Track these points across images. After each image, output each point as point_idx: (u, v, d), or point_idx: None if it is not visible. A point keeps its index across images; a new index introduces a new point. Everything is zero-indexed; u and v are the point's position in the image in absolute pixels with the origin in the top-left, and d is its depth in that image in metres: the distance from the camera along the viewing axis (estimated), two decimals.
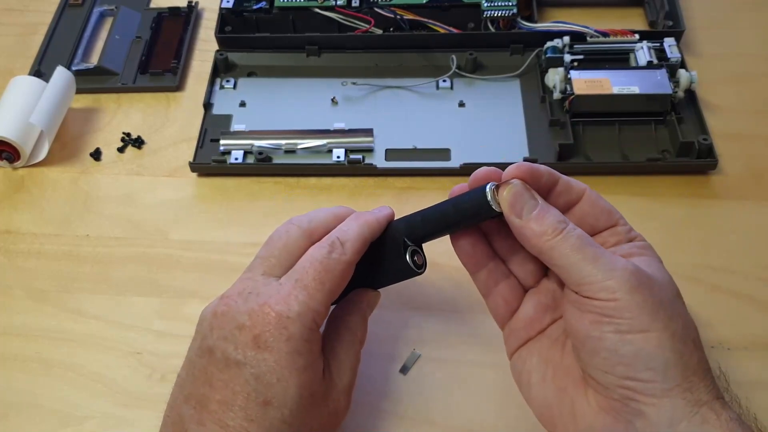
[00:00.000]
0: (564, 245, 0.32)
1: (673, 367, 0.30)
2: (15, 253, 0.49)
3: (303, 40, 0.58)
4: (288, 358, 0.32)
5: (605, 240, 0.35)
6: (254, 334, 0.33)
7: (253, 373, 0.32)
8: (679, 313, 0.32)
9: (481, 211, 0.35)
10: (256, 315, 0.33)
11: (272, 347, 0.32)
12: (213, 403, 0.32)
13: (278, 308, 0.33)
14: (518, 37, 0.58)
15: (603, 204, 0.35)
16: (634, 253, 0.34)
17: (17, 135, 0.51)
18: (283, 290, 0.34)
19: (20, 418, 0.41)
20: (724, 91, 0.56)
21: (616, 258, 0.32)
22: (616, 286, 0.31)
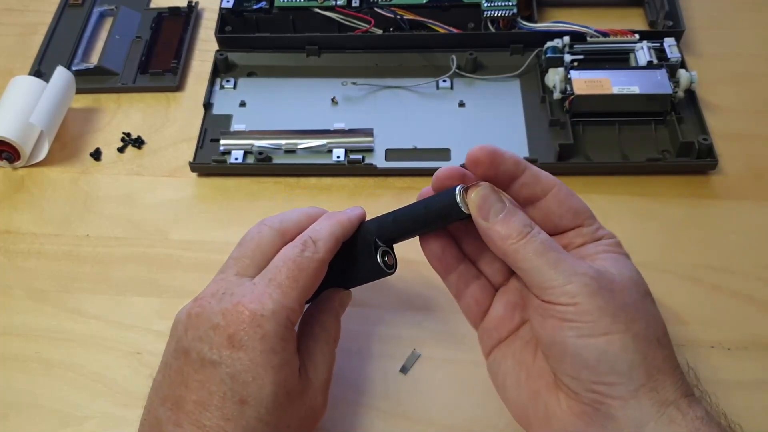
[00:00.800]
0: (527, 249, 0.32)
1: (637, 368, 0.31)
2: (15, 253, 0.49)
3: (303, 40, 0.58)
4: (263, 357, 0.32)
5: (570, 241, 0.35)
6: (228, 334, 0.33)
7: (229, 372, 0.32)
8: (643, 313, 0.32)
9: (451, 212, 0.35)
10: (230, 314, 0.33)
11: (247, 346, 0.32)
12: (189, 403, 0.32)
13: (252, 306, 0.33)
14: (518, 37, 0.58)
15: (571, 203, 0.35)
16: (600, 252, 0.34)
17: (17, 135, 0.51)
18: (257, 289, 0.34)
19: (20, 418, 0.41)
20: (724, 91, 0.56)
21: (578, 262, 0.32)
22: (575, 291, 0.31)
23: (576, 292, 0.31)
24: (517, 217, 0.33)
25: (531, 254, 0.32)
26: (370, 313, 0.44)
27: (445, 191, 0.36)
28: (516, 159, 0.35)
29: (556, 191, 0.35)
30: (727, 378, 0.41)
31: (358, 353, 0.43)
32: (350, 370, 0.42)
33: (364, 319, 0.44)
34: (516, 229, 0.33)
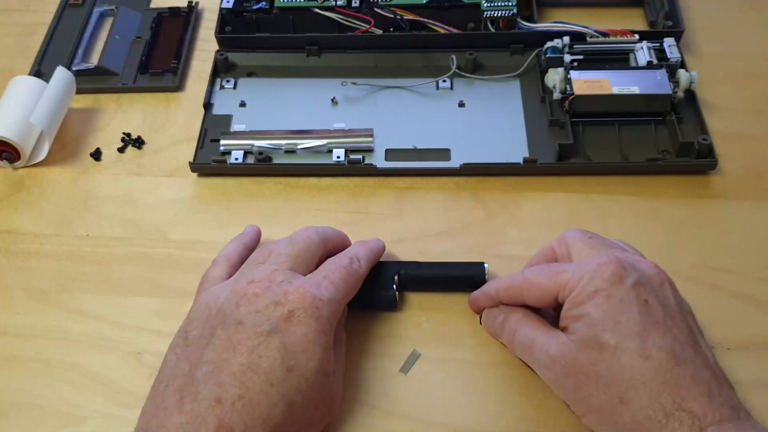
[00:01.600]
0: (517, 353, 0.40)
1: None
2: (15, 253, 0.49)
3: (303, 40, 0.58)
4: (315, 334, 0.36)
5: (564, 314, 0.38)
6: (289, 309, 0.36)
7: (283, 341, 0.35)
8: (596, 380, 0.34)
9: (475, 282, 0.44)
10: (292, 295, 0.37)
11: (303, 322, 0.36)
12: (235, 365, 0.35)
13: (313, 291, 0.37)
14: (518, 37, 0.58)
15: (535, 293, 0.38)
16: (570, 311, 0.36)
17: (17, 135, 0.51)
18: (316, 281, 0.39)
19: (20, 418, 0.41)
20: (724, 91, 0.56)
21: (541, 352, 0.37)
22: (549, 383, 0.38)
23: (550, 385, 0.38)
24: (506, 326, 0.40)
25: (520, 355, 0.40)
26: (370, 312, 0.44)
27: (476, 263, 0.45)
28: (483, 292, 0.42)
29: (520, 295, 0.39)
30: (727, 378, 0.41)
31: (358, 353, 0.43)
32: (350, 370, 0.42)
33: (365, 319, 0.44)
34: (506, 339, 0.41)
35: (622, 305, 0.35)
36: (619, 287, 0.35)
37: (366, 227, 0.49)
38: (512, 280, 0.40)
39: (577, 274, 0.36)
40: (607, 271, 0.36)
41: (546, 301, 0.38)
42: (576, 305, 0.36)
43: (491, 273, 0.45)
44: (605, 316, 0.35)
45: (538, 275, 0.38)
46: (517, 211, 0.50)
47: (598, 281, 0.35)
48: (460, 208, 0.50)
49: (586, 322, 0.35)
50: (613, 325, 0.34)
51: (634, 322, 0.34)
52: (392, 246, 0.48)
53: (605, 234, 0.48)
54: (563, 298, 0.37)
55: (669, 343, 0.34)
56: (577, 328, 0.35)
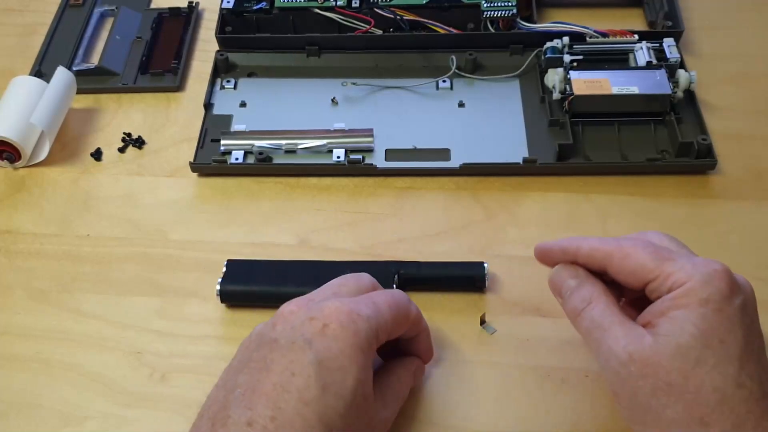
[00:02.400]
0: (580, 327, 0.36)
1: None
2: (15, 253, 0.49)
3: (303, 41, 0.58)
4: (351, 351, 0.33)
5: (648, 295, 0.35)
6: (324, 323, 0.34)
7: (317, 357, 0.32)
8: (681, 393, 0.31)
9: (476, 282, 0.44)
10: (328, 309, 0.34)
11: (339, 337, 0.33)
12: (268, 385, 0.32)
13: (351, 306, 0.35)
14: (518, 37, 0.58)
15: (627, 266, 0.35)
16: (664, 311, 0.33)
17: (18, 135, 0.52)
18: (357, 299, 0.36)
19: (20, 418, 0.41)
20: (724, 91, 0.56)
21: (616, 343, 0.33)
22: (611, 378, 0.34)
23: (611, 380, 0.34)
24: (578, 293, 0.36)
25: (582, 332, 0.36)
26: None
27: (476, 263, 0.44)
28: (562, 246, 0.38)
29: (610, 261, 0.36)
30: None
31: None
32: None
33: None
34: (573, 306, 0.36)
35: (730, 324, 0.32)
36: (730, 304, 0.32)
37: (366, 227, 0.49)
38: (603, 242, 0.36)
39: (689, 270, 0.33)
40: (722, 283, 0.32)
41: (633, 279, 0.34)
42: (678, 306, 0.32)
43: (491, 273, 0.46)
44: (711, 331, 0.32)
45: (640, 250, 0.34)
46: (516, 211, 0.50)
47: (711, 289, 0.32)
48: (459, 208, 0.50)
49: (687, 331, 0.32)
50: (718, 343, 0.32)
51: (737, 345, 0.32)
52: (392, 246, 0.48)
53: (604, 234, 0.48)
54: (658, 289, 0.34)
55: (760, 372, 0.32)
56: (674, 331, 0.32)
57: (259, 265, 0.46)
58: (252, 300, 0.45)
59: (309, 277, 0.45)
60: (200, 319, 0.45)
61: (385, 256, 0.47)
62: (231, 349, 0.40)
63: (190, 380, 0.42)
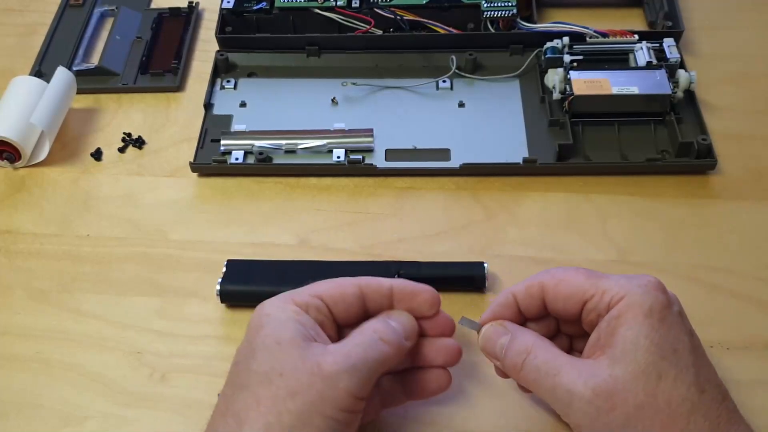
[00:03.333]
0: (528, 382, 0.34)
1: None
2: (15, 253, 0.49)
3: (303, 41, 0.58)
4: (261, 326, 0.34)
5: (589, 320, 0.34)
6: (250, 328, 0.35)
7: (242, 354, 0.34)
8: (653, 413, 0.31)
9: (475, 282, 0.44)
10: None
11: (252, 327, 0.35)
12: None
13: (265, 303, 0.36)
14: (518, 37, 0.58)
15: (566, 289, 0.34)
16: (614, 330, 0.32)
17: (18, 135, 0.52)
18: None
19: (20, 418, 0.41)
20: (724, 91, 0.56)
21: (572, 386, 0.32)
22: (578, 422, 0.32)
23: (578, 424, 0.32)
24: (513, 348, 0.35)
25: (531, 383, 0.34)
26: None
27: (476, 263, 0.45)
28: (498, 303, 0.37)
29: (546, 291, 0.35)
30: (727, 378, 0.41)
31: None
32: None
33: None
34: (512, 362, 0.35)
35: (677, 332, 0.32)
36: (671, 312, 0.32)
37: (366, 227, 0.49)
38: (534, 276, 0.36)
39: (624, 284, 0.33)
40: (659, 292, 0.32)
41: (572, 303, 0.34)
42: (624, 322, 0.32)
43: (491, 273, 0.46)
44: (664, 342, 0.31)
45: (572, 273, 0.34)
46: (517, 211, 0.50)
47: (651, 299, 0.32)
48: (460, 208, 0.50)
49: (642, 346, 0.31)
50: (672, 352, 0.31)
51: (688, 352, 0.32)
52: (392, 246, 0.48)
53: (604, 234, 0.48)
54: (596, 307, 0.33)
55: (713, 376, 0.32)
56: (629, 351, 0.31)
57: (259, 265, 0.46)
58: (252, 300, 0.45)
59: (309, 277, 0.44)
60: (200, 319, 0.45)
61: (385, 256, 0.47)
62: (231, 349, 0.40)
63: (190, 380, 0.42)
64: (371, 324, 0.35)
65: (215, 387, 0.42)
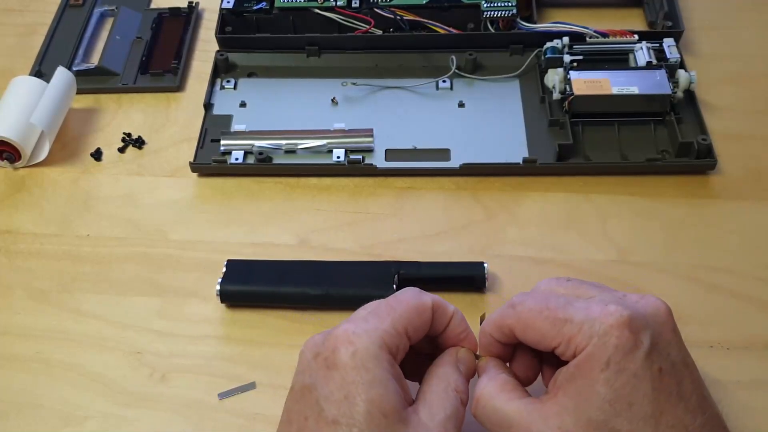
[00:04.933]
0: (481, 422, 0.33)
1: None
2: (15, 253, 0.49)
3: (303, 41, 0.58)
4: (354, 373, 0.31)
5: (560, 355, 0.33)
6: (325, 357, 0.32)
7: (322, 393, 0.31)
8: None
9: (475, 282, 0.44)
10: (330, 339, 0.33)
11: (338, 364, 0.32)
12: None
13: (345, 326, 0.33)
14: (518, 37, 0.58)
15: (533, 336, 0.33)
16: (572, 378, 0.31)
17: (18, 135, 0.52)
18: (359, 315, 0.34)
19: (20, 418, 0.41)
20: (724, 92, 0.56)
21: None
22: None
23: None
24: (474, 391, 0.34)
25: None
26: None
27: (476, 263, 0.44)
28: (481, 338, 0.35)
29: (517, 334, 0.34)
30: (726, 378, 0.41)
31: None
32: None
33: None
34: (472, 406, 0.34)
35: (636, 381, 0.30)
36: (633, 358, 0.30)
37: (366, 227, 0.49)
38: (503, 317, 0.34)
39: (586, 331, 0.31)
40: (621, 339, 0.30)
41: (542, 347, 0.33)
42: (580, 375, 0.31)
43: (491, 273, 0.46)
44: (618, 397, 0.30)
45: (536, 317, 0.33)
46: (516, 211, 0.50)
47: (610, 350, 0.30)
48: (459, 208, 0.50)
49: (594, 402, 0.30)
50: (627, 407, 0.30)
51: (648, 401, 0.30)
52: (392, 246, 0.48)
53: (604, 234, 0.48)
54: (564, 353, 0.32)
55: (681, 416, 0.31)
56: (581, 405, 0.30)
57: (259, 265, 0.46)
58: (252, 300, 0.45)
59: (309, 277, 0.45)
60: (200, 319, 0.45)
61: (385, 256, 0.47)
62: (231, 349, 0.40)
63: (190, 380, 0.42)
64: (451, 379, 0.35)
65: (215, 387, 0.42)
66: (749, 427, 0.39)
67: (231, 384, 0.42)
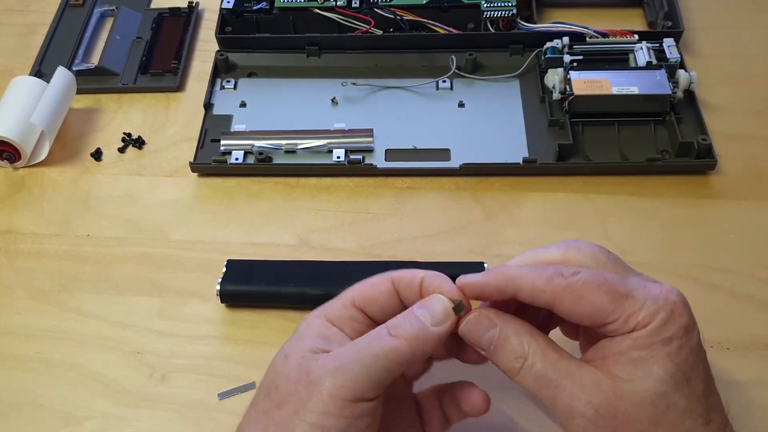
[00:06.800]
0: (524, 387, 0.31)
1: None
2: (15, 253, 0.49)
3: (303, 41, 0.58)
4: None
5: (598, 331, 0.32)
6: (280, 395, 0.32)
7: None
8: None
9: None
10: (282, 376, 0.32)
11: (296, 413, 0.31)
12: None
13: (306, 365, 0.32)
14: (518, 37, 0.58)
15: (585, 309, 0.31)
16: (626, 352, 0.30)
17: (18, 135, 0.52)
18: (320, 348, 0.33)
19: (20, 418, 0.41)
20: (724, 92, 0.56)
21: (577, 396, 0.30)
22: (578, 427, 0.30)
23: (576, 428, 0.30)
24: (507, 347, 0.32)
25: (529, 392, 0.31)
26: None
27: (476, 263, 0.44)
28: (497, 285, 0.32)
29: (559, 304, 0.31)
30: (727, 378, 0.41)
31: None
32: None
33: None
34: (507, 367, 0.32)
35: (694, 360, 0.30)
36: (691, 336, 0.30)
37: (366, 227, 0.49)
38: (549, 283, 0.31)
39: (650, 307, 0.30)
40: (683, 317, 0.30)
41: (588, 322, 0.31)
42: (640, 346, 0.30)
43: None
44: (679, 372, 0.30)
45: (594, 289, 0.30)
46: (516, 211, 0.50)
47: (674, 327, 0.30)
48: (459, 208, 0.50)
49: (655, 375, 0.30)
50: (685, 383, 0.30)
51: (701, 381, 0.30)
52: (392, 246, 0.48)
53: (604, 234, 0.48)
54: (617, 330, 0.30)
55: (720, 404, 0.31)
56: (640, 376, 0.30)
57: (259, 265, 0.46)
58: (252, 300, 0.45)
59: (309, 277, 0.45)
60: (200, 319, 0.45)
61: (385, 256, 0.47)
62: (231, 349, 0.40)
63: (190, 380, 0.42)
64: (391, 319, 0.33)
65: (215, 387, 0.42)
66: (749, 427, 0.39)
67: (231, 384, 0.42)
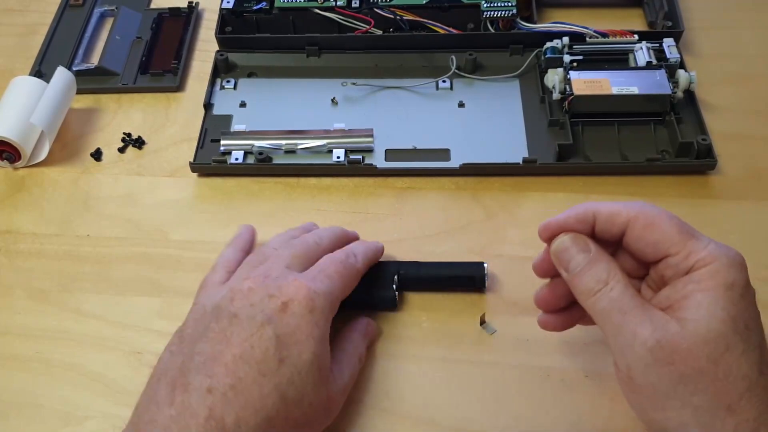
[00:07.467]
0: (596, 309, 0.33)
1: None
2: (15, 253, 0.49)
3: (303, 41, 0.58)
4: (308, 327, 0.36)
5: (661, 274, 0.34)
6: (283, 301, 0.36)
7: (276, 332, 0.35)
8: (710, 380, 0.31)
9: (475, 282, 0.44)
10: (287, 288, 0.37)
11: (296, 313, 0.36)
12: (228, 356, 0.34)
13: (308, 283, 0.37)
14: (518, 37, 0.58)
15: (649, 236, 0.33)
16: (687, 294, 0.32)
17: (18, 135, 0.52)
18: (311, 275, 0.39)
19: (20, 418, 0.41)
20: (724, 92, 0.56)
21: (641, 327, 0.32)
22: (630, 364, 0.32)
23: (630, 366, 0.32)
24: (593, 270, 0.33)
25: (598, 315, 0.33)
26: (370, 313, 0.44)
27: (476, 263, 0.44)
28: (577, 215, 0.35)
29: (632, 227, 0.33)
30: None
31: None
32: None
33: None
34: (587, 286, 0.33)
35: (753, 311, 0.32)
36: (750, 291, 0.32)
37: (366, 227, 0.49)
38: (625, 206, 0.33)
39: (713, 250, 0.32)
40: (744, 270, 0.32)
41: (652, 250, 0.33)
42: (703, 289, 0.31)
43: (491, 273, 0.46)
44: (740, 317, 0.31)
45: (666, 220, 0.33)
46: (516, 211, 0.50)
47: (737, 274, 0.32)
48: (459, 208, 0.50)
49: (718, 316, 0.31)
50: (744, 329, 0.31)
51: (759, 332, 0.32)
52: (392, 246, 0.48)
53: None
54: (676, 265, 0.32)
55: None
56: (703, 316, 0.31)
57: None
58: None
59: None
60: None
61: (385, 256, 0.47)
62: None
63: None
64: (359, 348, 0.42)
65: None
66: None
67: None
